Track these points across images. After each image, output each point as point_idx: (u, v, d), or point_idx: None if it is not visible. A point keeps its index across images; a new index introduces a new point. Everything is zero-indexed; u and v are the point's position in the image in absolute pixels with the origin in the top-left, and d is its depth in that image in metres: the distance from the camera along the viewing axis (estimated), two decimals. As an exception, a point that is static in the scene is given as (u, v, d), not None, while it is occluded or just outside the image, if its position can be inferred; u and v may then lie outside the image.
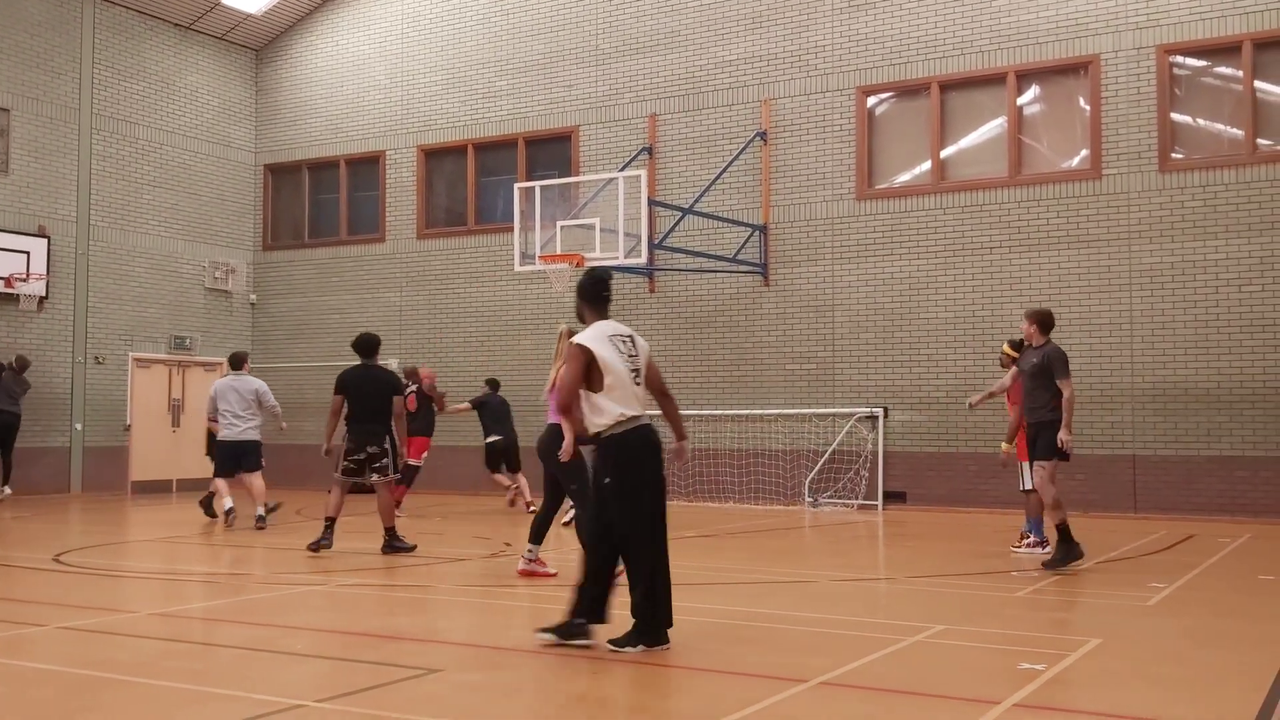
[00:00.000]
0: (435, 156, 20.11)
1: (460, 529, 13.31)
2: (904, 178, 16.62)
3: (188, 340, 20.23)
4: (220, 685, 5.41)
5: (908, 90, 16.53)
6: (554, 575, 8.85)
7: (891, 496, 15.96)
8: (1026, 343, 9.97)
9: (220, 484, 13.22)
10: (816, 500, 16.18)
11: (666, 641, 6.12)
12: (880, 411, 16.09)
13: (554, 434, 8.21)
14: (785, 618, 7.37)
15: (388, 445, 10.89)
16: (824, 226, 16.78)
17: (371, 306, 20.25)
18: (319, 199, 21.36)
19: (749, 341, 17.14)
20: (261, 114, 21.68)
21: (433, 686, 5.42)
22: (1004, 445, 10.46)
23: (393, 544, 10.63)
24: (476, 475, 18.84)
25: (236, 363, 13.56)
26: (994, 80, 15.98)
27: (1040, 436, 9.54)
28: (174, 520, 14.84)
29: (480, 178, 19.76)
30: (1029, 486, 10.29)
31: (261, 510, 12.99)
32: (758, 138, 17.11)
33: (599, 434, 6.20)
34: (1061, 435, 9.35)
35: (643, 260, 15.85)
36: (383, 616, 7.53)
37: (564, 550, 10.31)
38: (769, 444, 16.80)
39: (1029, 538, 10.52)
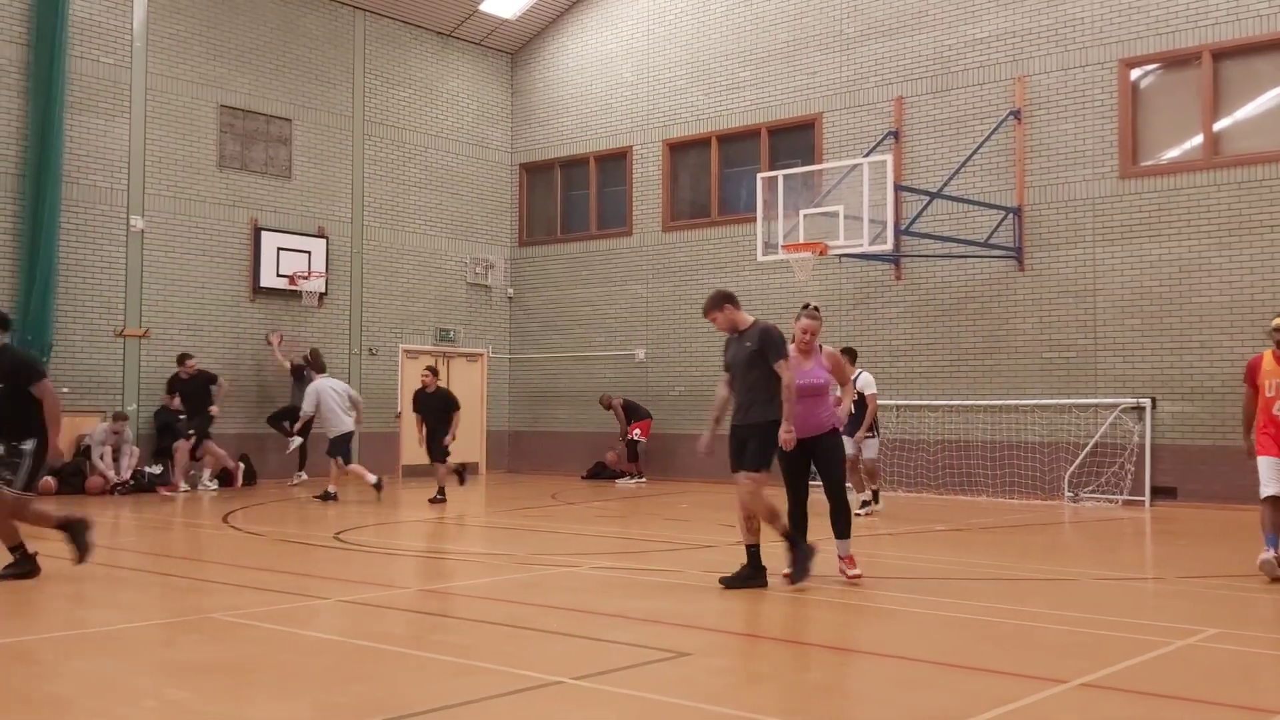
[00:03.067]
0: (680, 150, 20.40)
1: (706, 516, 13.49)
2: (1172, 153, 15.62)
3: (451, 332, 21.36)
4: (484, 659, 5.72)
5: (1176, 61, 15.51)
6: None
7: (1160, 492, 15.05)
8: (732, 332, 8.16)
9: (357, 468, 15.63)
10: (1077, 495, 15.47)
11: None
12: (1147, 402, 15.20)
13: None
14: (1042, 616, 7.11)
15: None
16: (1084, 207, 15.99)
17: (619, 298, 20.77)
18: (570, 195, 22.07)
19: (1003, 329, 16.55)
20: (516, 115, 22.58)
21: (683, 669, 5.55)
22: None
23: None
24: (722, 464, 19.03)
25: (323, 367, 16.59)
26: (1274, 46, 14.78)
27: (753, 440, 7.93)
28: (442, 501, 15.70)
29: (723, 169, 19.90)
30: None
31: (332, 489, 15.09)
32: (1011, 117, 16.47)
33: None
34: (783, 433, 7.76)
35: (888, 247, 15.56)
36: (635, 599, 7.74)
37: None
38: (1025, 436, 16.17)
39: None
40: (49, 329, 16.09)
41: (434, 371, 15.64)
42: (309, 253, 19.24)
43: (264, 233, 18.74)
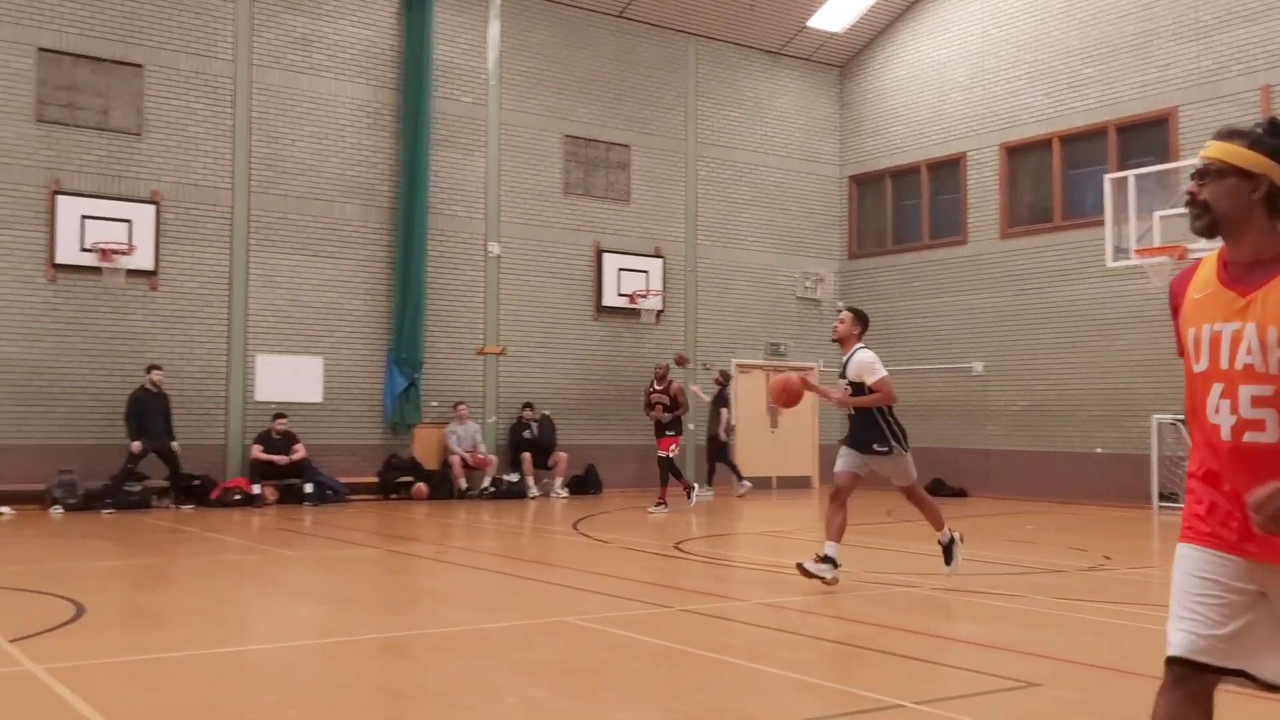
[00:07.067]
0: (1018, 153, 19.61)
1: (1052, 538, 12.87)
2: None
3: (781, 347, 21.55)
4: (822, 677, 5.75)
5: None
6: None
7: None
8: None
9: None
10: None
11: None
12: None
13: None
14: None
15: None
16: None
17: (953, 309, 20.19)
18: (901, 205, 21.72)
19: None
20: (845, 127, 22.49)
21: (1031, 700, 5.35)
22: None
23: None
24: (1069, 483, 18.07)
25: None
26: None
27: None
28: (776, 515, 15.88)
29: (1066, 171, 18.94)
30: None
31: None
32: (1406, 99, 14.69)
33: None
34: None
35: (1259, 249, 14.26)
36: (977, 623, 7.53)
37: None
38: None
39: None
40: (420, 348, 17.65)
41: None
42: (647, 272, 20.02)
43: (605, 254, 19.68)
